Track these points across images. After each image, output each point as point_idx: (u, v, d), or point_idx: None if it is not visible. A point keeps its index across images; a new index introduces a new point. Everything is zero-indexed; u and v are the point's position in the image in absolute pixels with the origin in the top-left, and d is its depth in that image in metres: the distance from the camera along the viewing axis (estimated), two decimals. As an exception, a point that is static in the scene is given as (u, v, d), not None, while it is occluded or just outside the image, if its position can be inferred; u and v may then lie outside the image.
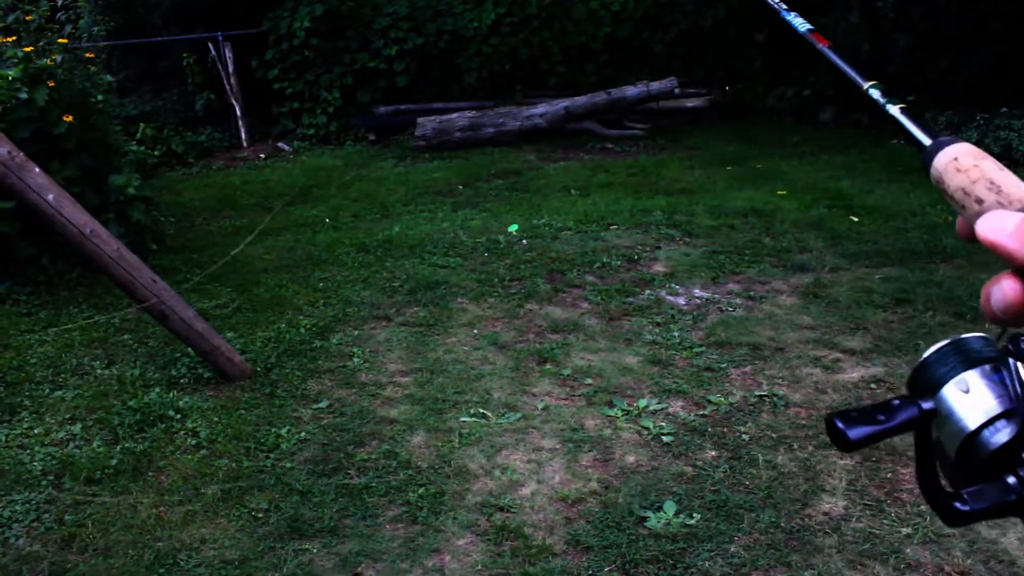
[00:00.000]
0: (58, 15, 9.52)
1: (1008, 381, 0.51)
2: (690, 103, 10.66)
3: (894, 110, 0.58)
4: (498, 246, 5.97)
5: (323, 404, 3.86)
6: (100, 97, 6.21)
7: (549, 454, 3.38)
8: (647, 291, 5.04)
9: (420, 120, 9.70)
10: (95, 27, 9.63)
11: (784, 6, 0.67)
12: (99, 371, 4.31)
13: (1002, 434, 0.51)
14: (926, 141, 0.56)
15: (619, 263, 5.53)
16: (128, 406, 3.85)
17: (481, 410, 3.73)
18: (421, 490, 3.16)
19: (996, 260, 0.50)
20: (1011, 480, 0.50)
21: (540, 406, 3.75)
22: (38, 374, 4.30)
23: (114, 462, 3.43)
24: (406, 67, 10.25)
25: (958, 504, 0.50)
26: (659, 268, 5.44)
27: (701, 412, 3.64)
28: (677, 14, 10.68)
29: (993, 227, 0.50)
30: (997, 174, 0.52)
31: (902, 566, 2.65)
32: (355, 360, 4.30)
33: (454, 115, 9.75)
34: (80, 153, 5.60)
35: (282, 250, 6.20)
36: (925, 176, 0.56)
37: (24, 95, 5.33)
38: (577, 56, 10.72)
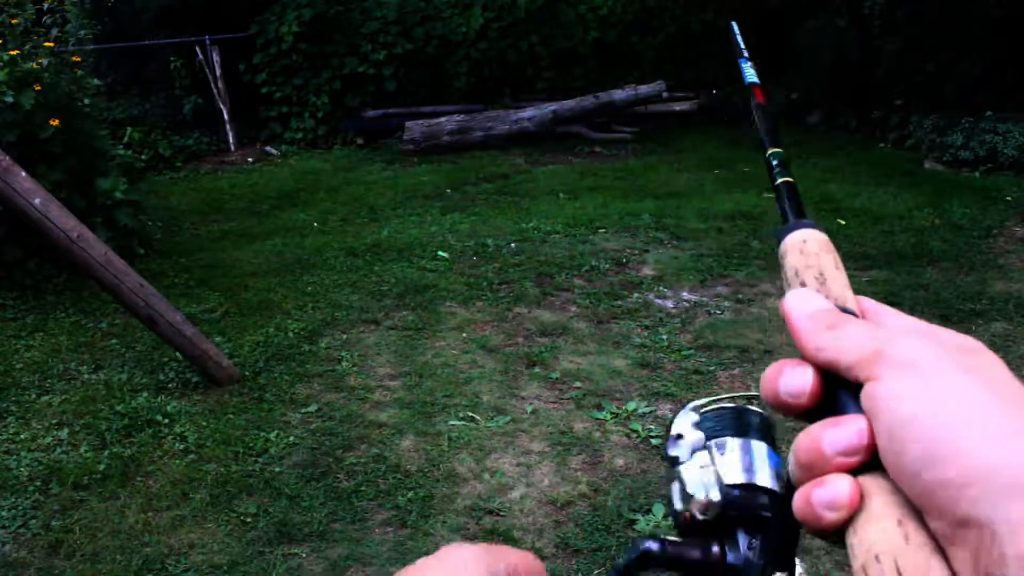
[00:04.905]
0: (44, 19, 9.47)
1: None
2: (678, 107, 10.68)
3: (780, 182, 0.59)
4: (486, 250, 5.97)
5: (312, 408, 3.85)
6: (87, 101, 6.19)
7: (538, 457, 3.39)
8: (635, 294, 5.05)
9: (408, 124, 9.68)
10: (82, 31, 9.58)
11: (745, 52, 0.65)
12: (86, 376, 4.29)
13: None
14: (790, 218, 0.57)
15: (608, 266, 5.54)
16: (116, 411, 3.84)
17: (470, 414, 3.73)
18: (410, 494, 3.16)
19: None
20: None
21: (529, 409, 3.75)
22: (24, 379, 4.27)
23: (102, 467, 3.42)
24: (395, 71, 10.24)
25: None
26: (647, 271, 5.45)
27: (690, 415, 3.65)
28: (665, 18, 10.71)
29: (796, 303, 0.50)
30: (831, 270, 0.53)
31: (890, 567, 2.66)
32: (344, 364, 4.29)
33: (443, 119, 9.74)
34: (67, 157, 5.57)
35: (270, 254, 6.19)
36: (776, 247, 0.56)
37: (10, 99, 5.30)
38: (565, 60, 10.74)
